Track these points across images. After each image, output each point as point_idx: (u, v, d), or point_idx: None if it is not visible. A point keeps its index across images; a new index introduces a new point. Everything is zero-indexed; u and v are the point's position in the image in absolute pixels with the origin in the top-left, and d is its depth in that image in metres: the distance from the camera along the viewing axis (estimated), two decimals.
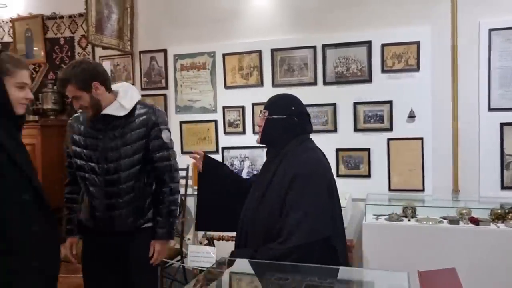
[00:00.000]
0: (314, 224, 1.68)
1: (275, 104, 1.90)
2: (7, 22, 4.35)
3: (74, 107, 2.13)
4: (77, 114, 2.26)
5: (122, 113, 2.10)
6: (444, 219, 2.91)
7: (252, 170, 3.60)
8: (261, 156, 3.56)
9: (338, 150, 3.41)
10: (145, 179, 2.17)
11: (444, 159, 3.22)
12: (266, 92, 3.53)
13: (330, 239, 1.73)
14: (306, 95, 3.40)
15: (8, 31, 4.36)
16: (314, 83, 3.43)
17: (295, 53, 3.47)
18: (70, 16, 4.15)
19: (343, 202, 3.11)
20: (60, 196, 4.17)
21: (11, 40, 4.34)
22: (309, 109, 3.31)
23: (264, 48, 3.53)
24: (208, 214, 2.09)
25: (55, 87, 4.15)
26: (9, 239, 1.48)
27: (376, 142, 3.32)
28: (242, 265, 3.30)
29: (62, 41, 4.22)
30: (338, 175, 3.42)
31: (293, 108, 1.86)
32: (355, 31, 3.34)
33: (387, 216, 3.00)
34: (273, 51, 3.51)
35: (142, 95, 3.89)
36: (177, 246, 3.64)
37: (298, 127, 1.86)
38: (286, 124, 1.84)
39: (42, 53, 4.25)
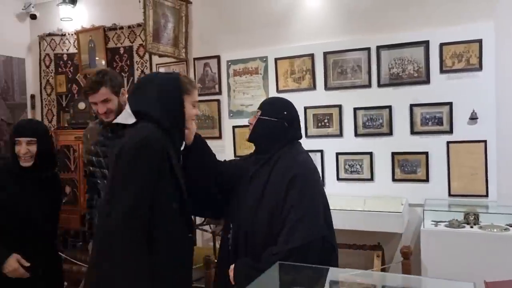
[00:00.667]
0: (315, 222, 1.73)
1: (268, 106, 1.95)
2: (72, 34, 4.64)
3: (99, 112, 2.18)
4: (90, 125, 2.40)
5: (130, 121, 2.13)
6: (511, 226, 2.74)
7: None
8: (314, 160, 3.51)
9: (393, 153, 3.31)
10: None
11: (510, 163, 3.02)
12: (319, 96, 3.51)
13: (329, 237, 1.79)
14: (360, 98, 3.38)
15: (73, 42, 4.64)
16: (368, 85, 3.36)
17: (348, 56, 3.42)
18: (129, 27, 4.35)
19: (399, 207, 3.05)
20: None
21: (76, 51, 4.61)
22: (363, 112, 3.36)
23: (317, 51, 3.51)
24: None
25: None
26: (156, 244, 1.60)
27: (434, 145, 3.19)
28: (293, 269, 3.29)
29: (122, 51, 4.43)
30: (393, 179, 3.33)
31: (285, 113, 1.90)
32: (411, 31, 3.23)
33: (447, 223, 2.87)
34: (325, 54, 3.48)
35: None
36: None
37: (287, 132, 1.88)
38: (275, 127, 1.87)
39: (104, 62, 4.48)
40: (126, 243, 1.52)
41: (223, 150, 3.85)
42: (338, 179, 3.48)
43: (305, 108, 3.55)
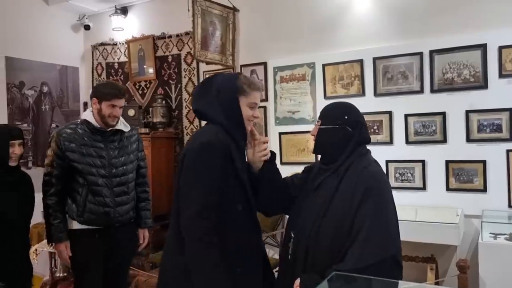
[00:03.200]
0: (389, 238, 1.62)
1: (327, 114, 1.84)
2: (123, 43, 4.80)
3: (114, 114, 2.57)
4: (66, 129, 2.58)
5: (126, 129, 2.69)
6: None
7: None
8: None
9: (447, 162, 3.18)
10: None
11: None
12: (368, 102, 3.43)
13: (397, 254, 1.65)
14: (411, 104, 3.28)
15: (124, 51, 4.80)
16: (421, 91, 3.25)
17: (399, 61, 3.33)
18: (177, 35, 4.44)
19: (454, 218, 2.91)
20: (168, 203, 4.44)
21: (126, 60, 4.76)
22: (414, 119, 3.25)
23: (366, 57, 3.44)
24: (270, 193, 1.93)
25: (163, 102, 4.46)
26: (224, 243, 1.62)
27: (493, 153, 3.04)
28: (344, 279, 3.20)
29: (170, 59, 4.53)
30: (448, 189, 3.19)
31: (346, 117, 1.77)
32: (466, 34, 3.11)
33: (508, 236, 2.71)
34: (375, 59, 3.40)
35: None
36: (276, 256, 3.65)
37: (352, 137, 1.76)
38: (339, 134, 1.76)
39: (152, 71, 4.61)
40: (198, 241, 1.57)
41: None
42: None
43: None
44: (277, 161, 3.76)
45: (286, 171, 3.69)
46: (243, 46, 4.05)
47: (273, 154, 1.93)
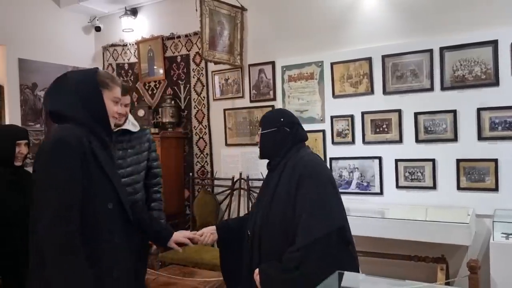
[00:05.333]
0: (328, 216, 1.75)
1: (265, 120, 2.02)
2: (133, 44, 4.83)
3: (118, 111, 2.50)
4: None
5: (134, 129, 2.64)
6: None
7: (362, 181, 3.46)
8: (371, 167, 3.42)
9: (458, 160, 3.12)
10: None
11: None
12: (377, 100, 3.40)
13: (345, 230, 1.79)
14: (421, 102, 3.23)
15: (134, 52, 4.84)
16: (431, 89, 3.20)
17: (408, 58, 3.28)
18: (186, 35, 4.46)
19: (465, 218, 2.86)
20: (178, 202, 4.46)
21: (136, 60, 4.80)
22: (424, 117, 3.21)
23: (374, 55, 3.40)
24: (235, 273, 2.10)
25: (173, 102, 4.48)
26: (95, 247, 1.53)
27: (505, 151, 2.97)
28: (351, 280, 3.18)
29: (179, 59, 4.55)
30: (458, 188, 3.13)
31: (282, 119, 1.96)
32: (477, 30, 3.05)
33: None
34: (384, 57, 3.36)
35: (251, 107, 4.03)
36: None
37: (291, 136, 1.95)
38: (278, 135, 1.95)
39: (162, 71, 4.63)
40: (59, 248, 1.43)
41: None
42: (398, 186, 3.34)
43: (363, 113, 3.45)
44: None
45: None
46: (251, 45, 4.04)
47: (218, 231, 2.11)
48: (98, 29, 4.95)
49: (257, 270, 1.82)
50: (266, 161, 2.04)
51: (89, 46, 5.07)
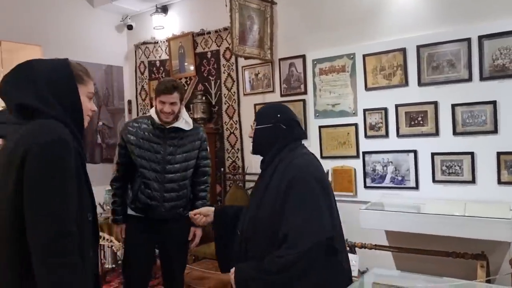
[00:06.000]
0: (317, 225, 1.67)
1: (261, 114, 1.95)
2: (164, 41, 4.89)
3: (164, 110, 2.59)
4: (131, 121, 2.79)
5: (187, 128, 2.69)
6: None
7: (396, 176, 3.38)
8: (406, 161, 3.33)
9: (499, 153, 3.00)
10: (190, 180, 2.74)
11: None
12: (412, 92, 3.30)
13: (333, 240, 1.72)
14: (458, 93, 3.12)
15: (165, 49, 4.90)
16: (469, 79, 3.08)
17: (445, 48, 3.16)
18: (216, 31, 4.47)
19: (507, 213, 2.74)
20: (210, 198, 4.48)
21: (167, 57, 4.86)
22: (462, 109, 3.09)
23: (409, 45, 3.30)
24: (228, 256, 2.08)
25: (203, 98, 4.51)
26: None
27: None
28: (386, 276, 3.11)
29: (209, 55, 4.57)
30: (499, 182, 3.01)
31: (278, 115, 1.87)
32: None
33: None
34: (419, 47, 3.26)
35: (282, 101, 4.00)
36: None
37: (287, 133, 1.86)
38: (273, 132, 1.86)
39: (192, 67, 4.66)
40: (61, 263, 1.26)
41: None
42: (434, 181, 3.23)
43: (396, 106, 3.36)
44: (317, 154, 3.73)
45: (326, 165, 3.61)
46: (281, 39, 4.01)
47: (214, 214, 2.11)
48: (130, 27, 5.04)
49: (232, 269, 1.79)
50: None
51: (122, 45, 5.17)
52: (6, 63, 3.73)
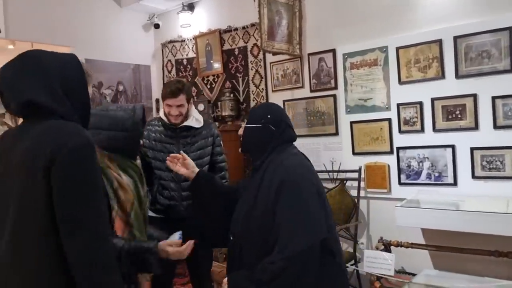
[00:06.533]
0: (309, 227, 1.64)
1: (252, 113, 1.94)
2: (191, 39, 4.88)
3: (171, 113, 2.64)
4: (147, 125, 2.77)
5: (198, 125, 2.71)
6: None
7: (433, 171, 3.27)
8: (443, 156, 3.22)
9: None
10: None
11: None
12: (449, 85, 3.18)
13: (327, 241, 1.69)
14: (499, 85, 2.98)
15: (192, 47, 4.89)
16: (510, 70, 2.93)
17: (484, 38, 3.03)
18: (243, 28, 4.43)
19: None
20: None
21: (194, 55, 4.84)
22: (504, 101, 2.96)
23: (445, 36, 3.17)
24: (208, 232, 2.06)
25: (231, 95, 4.48)
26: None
27: None
28: (424, 276, 3.01)
29: (236, 52, 4.53)
30: None
31: (268, 116, 1.86)
32: None
33: None
34: (455, 38, 3.13)
35: (312, 97, 3.93)
36: (350, 250, 3.53)
37: (276, 135, 1.85)
38: (262, 132, 1.85)
39: (220, 65, 4.64)
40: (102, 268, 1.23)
41: (340, 147, 3.70)
42: (474, 177, 3.11)
43: (432, 100, 3.24)
44: (349, 150, 3.65)
45: (358, 162, 3.58)
46: (310, 33, 3.93)
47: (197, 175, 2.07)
48: (157, 26, 5.05)
49: (225, 279, 1.74)
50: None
51: (149, 44, 5.19)
52: None
